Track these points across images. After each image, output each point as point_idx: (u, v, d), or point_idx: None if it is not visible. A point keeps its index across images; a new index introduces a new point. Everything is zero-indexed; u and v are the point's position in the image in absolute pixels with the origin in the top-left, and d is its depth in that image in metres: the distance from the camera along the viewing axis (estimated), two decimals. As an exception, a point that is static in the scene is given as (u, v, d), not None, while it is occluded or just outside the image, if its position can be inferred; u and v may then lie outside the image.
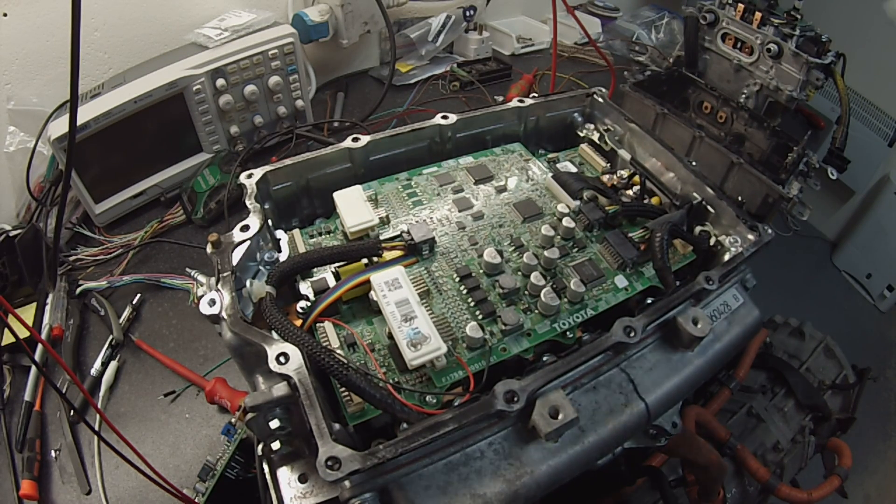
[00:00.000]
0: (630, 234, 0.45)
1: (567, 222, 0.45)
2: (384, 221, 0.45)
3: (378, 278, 0.38)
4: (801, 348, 0.84)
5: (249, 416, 0.32)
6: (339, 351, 0.37)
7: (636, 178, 0.52)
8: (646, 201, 0.51)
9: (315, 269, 0.42)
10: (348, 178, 0.50)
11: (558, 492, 0.34)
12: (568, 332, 0.40)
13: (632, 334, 0.36)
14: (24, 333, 0.55)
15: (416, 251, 0.43)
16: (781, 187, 0.75)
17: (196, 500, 0.49)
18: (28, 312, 0.64)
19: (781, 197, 0.75)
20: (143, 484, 0.47)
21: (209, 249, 0.39)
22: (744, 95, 0.91)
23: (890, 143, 1.28)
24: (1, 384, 0.60)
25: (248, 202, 0.43)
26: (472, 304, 0.40)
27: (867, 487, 1.13)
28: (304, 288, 0.41)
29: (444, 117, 0.52)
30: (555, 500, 0.37)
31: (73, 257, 0.72)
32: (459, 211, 0.47)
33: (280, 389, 0.32)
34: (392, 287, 0.38)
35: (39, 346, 0.60)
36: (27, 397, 0.57)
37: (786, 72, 0.85)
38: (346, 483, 0.29)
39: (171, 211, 0.79)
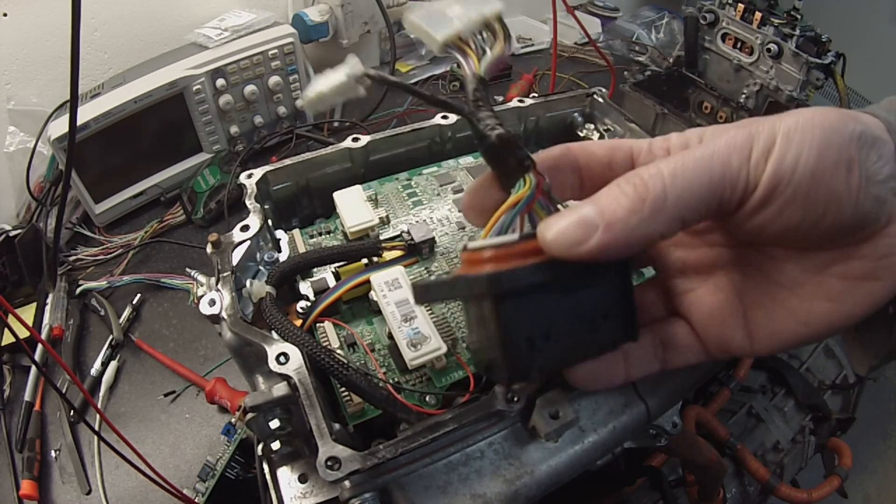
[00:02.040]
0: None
1: (567, 222, 0.45)
2: (384, 221, 0.45)
3: (378, 278, 0.38)
4: (801, 348, 0.84)
5: (249, 416, 0.32)
6: (339, 351, 0.37)
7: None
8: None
9: (315, 269, 0.42)
10: (348, 178, 0.50)
11: (558, 492, 0.34)
12: (568, 332, 0.40)
13: (632, 334, 0.36)
14: (24, 333, 0.55)
15: (416, 251, 0.43)
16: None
17: (196, 500, 0.49)
18: (28, 312, 0.64)
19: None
20: (143, 484, 0.47)
21: (209, 249, 0.39)
22: (744, 95, 0.91)
23: (890, 143, 1.28)
24: (1, 384, 0.60)
25: (248, 202, 0.43)
26: (472, 304, 0.40)
27: (867, 487, 1.13)
28: (304, 288, 0.41)
29: (444, 117, 0.52)
30: (555, 500, 0.37)
31: (73, 257, 0.72)
32: (459, 211, 0.47)
33: (280, 389, 0.32)
34: (392, 287, 0.38)
35: (39, 346, 0.60)
36: (27, 397, 0.57)
37: (786, 72, 0.85)
38: (346, 483, 0.29)
39: (171, 211, 0.79)
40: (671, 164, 0.21)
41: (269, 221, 0.45)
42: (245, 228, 0.41)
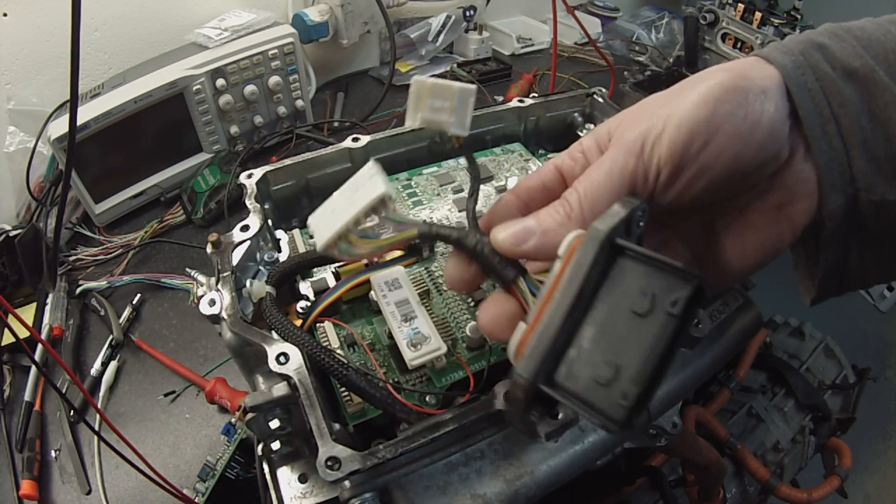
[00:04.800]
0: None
1: (567, 222, 0.45)
2: (384, 221, 0.45)
3: (378, 278, 0.38)
4: (801, 348, 0.84)
5: (249, 416, 0.32)
6: (339, 351, 0.37)
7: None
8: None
9: (315, 269, 0.42)
10: (348, 178, 0.50)
11: (558, 492, 0.34)
12: (568, 332, 0.40)
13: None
14: (24, 333, 0.55)
15: (416, 251, 0.43)
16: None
17: (196, 500, 0.49)
18: (28, 312, 0.64)
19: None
20: (143, 484, 0.47)
21: (209, 249, 0.39)
22: (744, 95, 0.91)
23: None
24: (1, 384, 0.60)
25: (248, 202, 0.43)
26: (472, 304, 0.40)
27: (867, 487, 1.13)
28: (304, 288, 0.41)
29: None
30: (555, 500, 0.37)
31: (73, 257, 0.72)
32: (459, 211, 0.47)
33: (280, 389, 0.32)
34: (392, 287, 0.38)
35: (39, 346, 0.60)
36: (27, 397, 0.57)
37: (786, 72, 0.85)
38: (346, 483, 0.29)
39: (171, 211, 0.79)
40: (584, 184, 0.27)
41: (269, 221, 0.46)
42: (245, 228, 0.41)
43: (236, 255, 0.39)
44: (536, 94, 0.57)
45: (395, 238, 0.30)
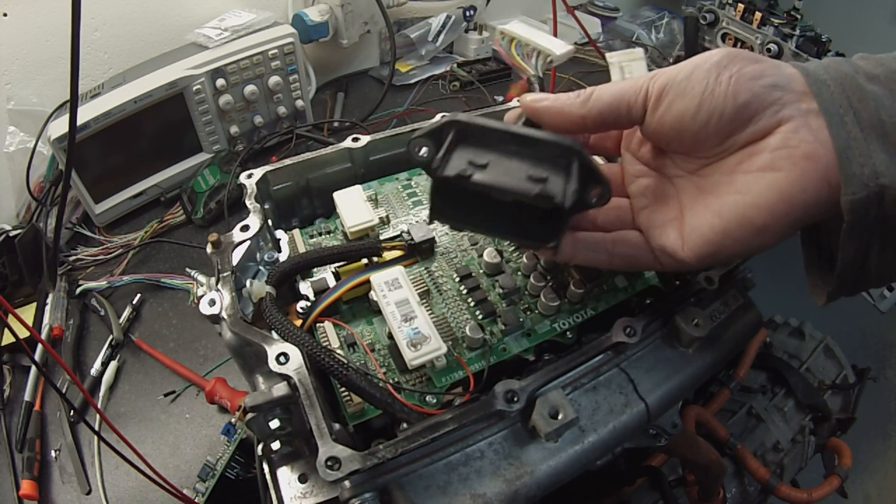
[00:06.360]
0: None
1: (567, 222, 0.45)
2: (384, 221, 0.45)
3: (378, 278, 0.38)
4: (801, 348, 0.84)
5: (249, 416, 0.32)
6: (339, 351, 0.37)
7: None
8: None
9: (315, 269, 0.42)
10: (348, 178, 0.50)
11: (558, 492, 0.34)
12: (568, 332, 0.40)
13: (632, 334, 0.36)
14: (24, 333, 0.55)
15: (416, 251, 0.43)
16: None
17: (196, 500, 0.49)
18: (28, 312, 0.64)
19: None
20: (143, 484, 0.47)
21: (209, 249, 0.39)
22: (744, 95, 0.91)
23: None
24: (1, 384, 0.60)
25: (248, 202, 0.43)
26: (472, 304, 0.40)
27: (867, 487, 1.13)
28: (304, 288, 0.41)
29: (444, 117, 0.52)
30: (555, 500, 0.37)
31: (73, 257, 0.72)
32: (459, 211, 0.47)
33: (280, 389, 0.32)
34: (392, 287, 0.38)
35: (39, 346, 0.60)
36: (27, 397, 0.57)
37: (786, 72, 0.85)
38: (346, 483, 0.29)
39: (171, 211, 0.79)
40: (603, 86, 0.34)
41: (269, 221, 0.46)
42: (245, 228, 0.41)
43: (236, 255, 0.39)
44: (536, 94, 0.57)
45: (523, 66, 0.48)
